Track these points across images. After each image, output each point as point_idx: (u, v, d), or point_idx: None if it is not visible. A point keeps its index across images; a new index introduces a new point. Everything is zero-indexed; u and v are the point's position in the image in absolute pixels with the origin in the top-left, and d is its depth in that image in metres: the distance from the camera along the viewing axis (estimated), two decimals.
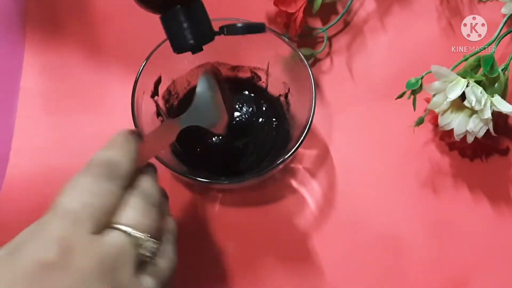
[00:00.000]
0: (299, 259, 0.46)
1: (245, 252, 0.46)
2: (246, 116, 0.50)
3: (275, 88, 0.49)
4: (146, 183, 0.32)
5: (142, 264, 0.29)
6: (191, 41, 0.36)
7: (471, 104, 0.41)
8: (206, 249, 0.46)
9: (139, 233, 0.29)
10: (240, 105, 0.50)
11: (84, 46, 0.52)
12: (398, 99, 0.45)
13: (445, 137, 0.48)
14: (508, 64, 0.45)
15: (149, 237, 0.29)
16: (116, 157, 0.31)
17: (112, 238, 0.28)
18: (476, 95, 0.41)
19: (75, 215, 0.28)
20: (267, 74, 0.49)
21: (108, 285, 0.26)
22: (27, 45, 0.52)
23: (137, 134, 0.34)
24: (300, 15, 0.48)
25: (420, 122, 0.46)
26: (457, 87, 0.42)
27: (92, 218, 0.28)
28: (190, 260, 0.46)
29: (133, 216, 0.30)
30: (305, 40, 0.52)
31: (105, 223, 0.29)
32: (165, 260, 0.31)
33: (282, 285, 0.46)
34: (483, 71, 0.43)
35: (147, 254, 0.29)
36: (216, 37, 0.47)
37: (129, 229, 0.29)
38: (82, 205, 0.28)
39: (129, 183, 0.31)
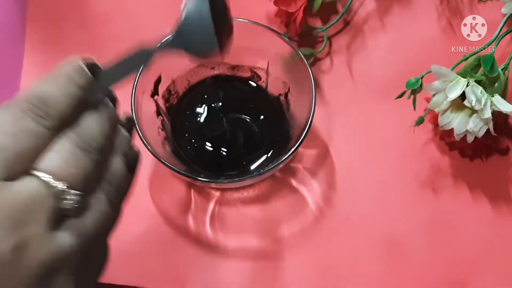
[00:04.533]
0: (298, 258, 0.46)
1: (244, 252, 0.46)
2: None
3: (275, 88, 0.49)
4: (86, 122, 0.27)
5: (62, 218, 0.25)
6: None
7: (471, 103, 0.41)
8: (205, 249, 0.46)
9: (58, 183, 0.24)
10: None
11: (84, 45, 0.52)
12: (398, 99, 0.45)
13: (445, 136, 0.48)
14: (508, 64, 0.45)
15: (73, 188, 0.25)
16: (51, 93, 0.26)
17: (24, 185, 0.24)
18: (476, 94, 0.41)
19: None
20: (267, 74, 0.49)
21: (12, 237, 0.22)
22: (27, 45, 0.52)
23: (94, 66, 0.29)
24: (300, 14, 0.48)
25: (420, 121, 0.46)
26: (457, 86, 0.42)
27: (2, 162, 0.24)
28: (189, 259, 0.46)
29: (56, 163, 0.25)
30: (305, 40, 0.52)
31: (21, 170, 0.24)
32: (93, 214, 0.26)
33: (281, 284, 0.46)
34: (483, 70, 0.43)
35: (67, 207, 0.25)
36: None
37: (46, 177, 0.24)
38: None
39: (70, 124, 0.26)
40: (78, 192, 0.25)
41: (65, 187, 0.25)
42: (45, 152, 0.25)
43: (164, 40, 0.31)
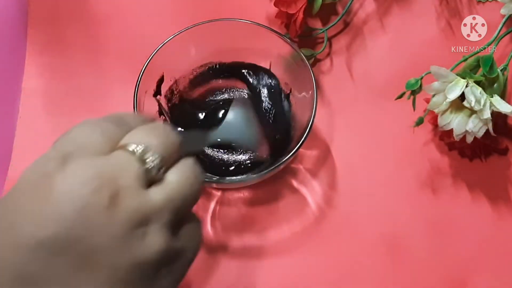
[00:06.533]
0: (299, 258, 0.47)
1: (244, 252, 0.47)
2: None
3: None
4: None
5: (150, 183, 0.28)
6: None
7: (470, 104, 0.41)
8: (206, 248, 0.47)
9: (140, 147, 0.28)
10: None
11: (86, 46, 0.53)
12: (398, 99, 0.45)
13: (444, 137, 0.49)
14: (507, 65, 0.45)
15: (152, 150, 0.29)
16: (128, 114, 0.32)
17: (113, 155, 0.28)
18: (475, 95, 0.41)
19: (78, 142, 0.28)
20: None
21: (108, 188, 0.26)
22: (29, 46, 0.52)
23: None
24: (300, 15, 0.48)
25: (419, 122, 0.46)
26: (457, 87, 0.42)
27: (97, 142, 0.28)
28: None
29: (139, 136, 0.29)
30: (305, 41, 0.52)
31: (111, 149, 0.28)
32: (176, 175, 0.29)
33: (281, 284, 0.46)
34: (482, 71, 0.44)
35: (150, 166, 0.28)
36: (218, 37, 0.47)
37: (130, 146, 0.28)
38: (88, 133, 0.29)
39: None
40: (157, 155, 0.29)
41: (146, 149, 0.28)
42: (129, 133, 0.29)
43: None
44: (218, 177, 0.46)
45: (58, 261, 0.25)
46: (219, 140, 0.38)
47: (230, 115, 0.38)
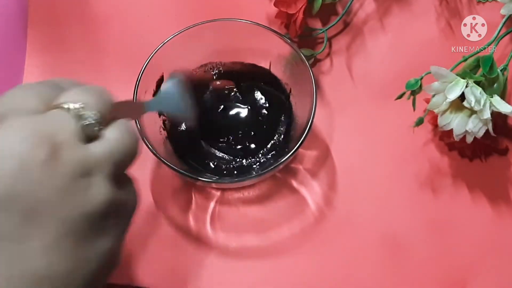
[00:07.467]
0: (299, 259, 0.47)
1: (244, 251, 0.47)
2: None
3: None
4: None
5: (88, 138, 0.29)
6: None
7: (470, 104, 0.41)
8: (206, 248, 0.47)
9: (75, 105, 0.29)
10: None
11: (85, 46, 0.53)
12: (398, 100, 0.45)
13: (444, 137, 0.49)
14: (507, 65, 0.45)
15: (88, 108, 0.29)
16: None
17: (49, 113, 0.28)
18: (475, 95, 0.41)
19: (14, 102, 0.29)
20: None
21: (45, 144, 0.26)
22: (29, 46, 0.52)
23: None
24: (300, 16, 0.48)
25: (419, 122, 0.46)
26: (457, 87, 0.42)
27: (32, 102, 0.29)
28: (190, 259, 0.46)
29: (74, 95, 0.29)
30: (305, 41, 0.52)
31: (46, 107, 0.29)
32: (113, 132, 0.30)
33: (281, 284, 0.46)
34: (482, 71, 0.44)
35: (87, 123, 0.29)
36: (218, 38, 0.47)
37: (65, 104, 0.29)
38: (22, 94, 0.29)
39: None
40: (94, 111, 0.29)
41: (82, 106, 0.29)
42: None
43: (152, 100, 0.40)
44: (217, 177, 0.46)
45: (4, 217, 0.25)
46: (154, 110, 0.39)
47: (165, 87, 0.38)
